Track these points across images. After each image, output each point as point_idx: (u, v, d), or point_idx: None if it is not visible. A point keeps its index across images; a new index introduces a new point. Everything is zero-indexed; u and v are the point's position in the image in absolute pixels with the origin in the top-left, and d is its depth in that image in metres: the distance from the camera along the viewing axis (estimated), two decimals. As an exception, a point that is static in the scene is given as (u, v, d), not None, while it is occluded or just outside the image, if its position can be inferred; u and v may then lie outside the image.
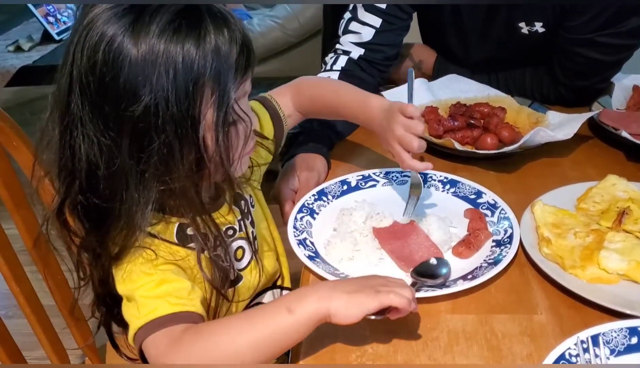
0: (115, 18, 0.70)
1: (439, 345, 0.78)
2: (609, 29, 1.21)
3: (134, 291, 0.76)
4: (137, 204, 0.74)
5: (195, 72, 0.71)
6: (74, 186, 0.76)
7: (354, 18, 1.33)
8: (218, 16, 0.74)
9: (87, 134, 0.72)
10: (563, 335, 0.75)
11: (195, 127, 0.73)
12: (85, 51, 0.70)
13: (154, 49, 0.69)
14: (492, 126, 1.18)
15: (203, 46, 0.71)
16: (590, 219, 0.96)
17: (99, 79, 0.70)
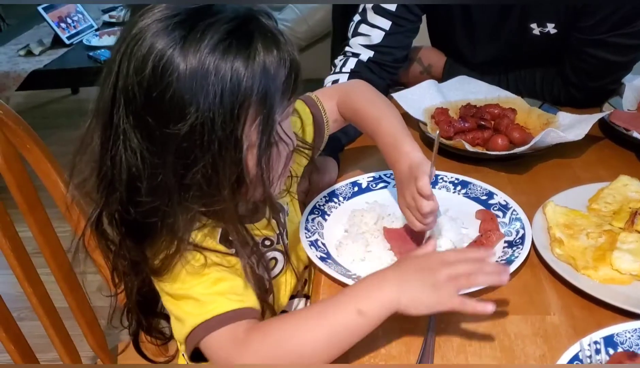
0: (166, 31, 0.69)
1: (451, 345, 0.78)
2: (621, 29, 1.21)
3: (189, 290, 0.76)
4: (180, 221, 0.74)
5: (243, 93, 0.70)
6: (114, 197, 0.75)
7: (364, 21, 1.34)
8: (269, 36, 0.73)
9: (130, 146, 0.72)
10: (576, 336, 0.75)
11: (239, 148, 0.72)
12: (133, 63, 0.69)
13: (203, 66, 0.69)
14: (503, 127, 1.18)
15: (252, 66, 0.70)
16: (602, 220, 0.96)
17: (146, 93, 0.69)
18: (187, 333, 0.76)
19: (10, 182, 1.09)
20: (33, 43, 3.02)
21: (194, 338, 0.75)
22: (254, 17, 0.73)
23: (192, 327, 0.75)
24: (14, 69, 2.84)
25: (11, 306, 1.11)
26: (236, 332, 0.74)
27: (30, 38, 3.16)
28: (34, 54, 2.96)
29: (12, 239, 1.09)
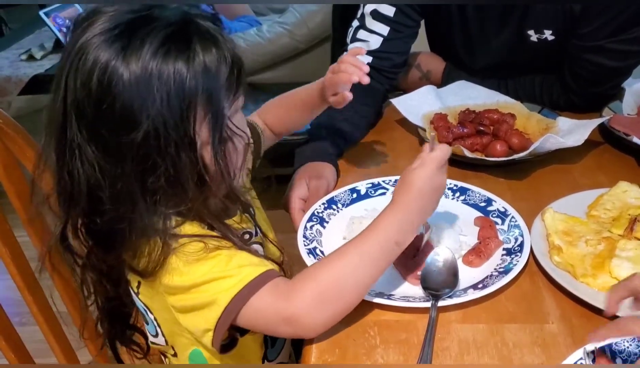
0: (107, 43, 0.71)
1: (449, 354, 0.78)
2: (619, 35, 1.21)
3: (205, 275, 0.76)
4: (152, 223, 0.75)
5: (187, 93, 0.72)
6: (76, 210, 0.77)
7: (362, 26, 1.34)
8: (206, 37, 0.75)
9: (87, 159, 0.73)
10: (575, 345, 0.75)
11: (194, 147, 0.74)
12: (79, 78, 0.71)
13: (146, 72, 0.71)
14: (502, 132, 1.18)
15: (193, 66, 0.73)
16: (601, 227, 0.96)
17: (95, 106, 0.71)
18: (218, 315, 0.75)
19: (10, 190, 1.09)
20: (35, 47, 3.02)
21: (229, 315, 0.75)
22: (191, 20, 0.76)
23: (226, 303, 0.75)
24: (15, 73, 2.84)
25: (13, 311, 1.12)
26: (277, 288, 0.76)
27: (32, 42, 3.16)
28: (35, 59, 2.96)
29: (11, 247, 1.09)
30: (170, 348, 0.91)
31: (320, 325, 0.78)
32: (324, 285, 0.76)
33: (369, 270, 0.79)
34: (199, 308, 0.77)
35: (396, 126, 1.36)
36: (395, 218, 0.81)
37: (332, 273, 0.77)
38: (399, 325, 0.82)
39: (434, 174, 0.83)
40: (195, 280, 0.76)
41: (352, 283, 0.78)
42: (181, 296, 0.78)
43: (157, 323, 0.88)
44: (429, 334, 0.78)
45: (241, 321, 0.77)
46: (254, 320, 0.77)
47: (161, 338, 0.90)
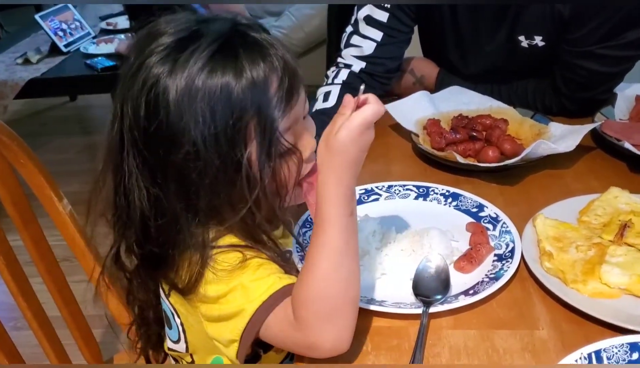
0: (156, 66, 0.72)
1: (440, 360, 0.78)
2: (609, 41, 1.22)
3: (231, 282, 0.75)
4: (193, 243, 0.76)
5: (235, 110, 0.72)
6: (129, 232, 0.79)
7: (355, 32, 1.35)
8: (254, 49, 0.74)
9: (139, 185, 0.74)
10: (564, 351, 0.75)
11: (239, 165, 0.73)
12: (130, 102, 0.73)
13: (192, 89, 0.71)
14: (494, 138, 1.19)
15: (239, 82, 0.72)
16: (592, 233, 0.96)
17: (144, 128, 0.72)
18: (244, 326, 0.75)
19: (4, 197, 1.09)
20: (31, 51, 3.02)
21: (254, 325, 0.75)
22: (239, 32, 0.75)
23: (252, 313, 0.74)
24: (11, 77, 2.84)
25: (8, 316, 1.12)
26: (287, 313, 0.74)
27: (28, 46, 3.16)
28: (31, 62, 2.96)
29: (5, 254, 1.09)
30: (189, 355, 0.91)
31: (339, 337, 0.73)
32: (317, 302, 0.72)
33: (346, 258, 0.74)
34: (226, 319, 0.77)
35: (389, 131, 1.37)
36: (337, 196, 0.74)
37: (319, 287, 0.73)
38: (390, 331, 0.83)
39: (360, 137, 0.73)
40: (224, 289, 0.76)
41: (341, 283, 0.74)
42: (211, 306, 0.78)
43: (183, 328, 0.88)
44: (420, 340, 0.79)
45: (264, 334, 0.76)
46: (271, 332, 0.76)
47: (182, 344, 0.90)
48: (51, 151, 3.54)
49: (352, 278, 0.75)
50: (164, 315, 0.92)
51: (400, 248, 0.96)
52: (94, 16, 3.55)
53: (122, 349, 1.32)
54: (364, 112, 0.72)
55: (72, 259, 1.19)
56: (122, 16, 3.50)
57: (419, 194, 1.12)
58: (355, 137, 0.72)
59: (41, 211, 1.16)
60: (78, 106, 4.17)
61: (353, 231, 0.75)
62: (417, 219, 1.03)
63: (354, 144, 0.72)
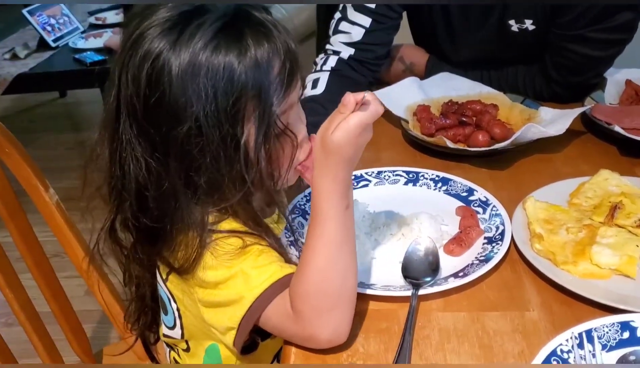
0: (159, 38, 0.71)
1: (430, 343, 0.77)
2: (599, 24, 1.21)
3: (231, 268, 0.75)
4: (191, 221, 0.75)
5: (237, 88, 0.71)
6: (125, 205, 0.77)
7: (344, 18, 1.33)
8: (259, 30, 0.73)
9: (135, 156, 0.73)
10: (555, 331, 0.75)
11: (237, 144, 0.73)
12: (130, 72, 0.72)
13: (195, 66, 0.70)
14: (484, 123, 1.18)
15: (243, 61, 0.71)
16: (582, 215, 0.96)
17: (144, 101, 0.71)
18: (243, 314, 0.74)
19: (-10, 188, 1.08)
20: (18, 46, 3.00)
21: (253, 314, 0.74)
22: (244, 11, 0.74)
23: (251, 301, 0.73)
24: (-1, 73, 2.82)
25: (0, 312, 1.11)
26: (286, 304, 0.73)
27: (16, 41, 3.13)
28: (19, 58, 2.93)
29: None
30: (184, 342, 0.90)
31: (336, 330, 0.74)
32: (314, 296, 0.72)
33: (342, 251, 0.74)
34: (225, 305, 0.76)
35: (379, 118, 1.35)
36: (333, 191, 0.73)
37: (315, 280, 0.72)
38: (379, 314, 0.82)
39: (356, 138, 0.71)
40: (224, 275, 0.75)
41: (338, 276, 0.73)
42: (210, 291, 0.77)
43: (179, 314, 0.87)
44: (409, 323, 0.78)
45: (263, 323, 0.76)
46: (270, 322, 0.76)
47: (178, 330, 0.89)
48: (41, 148, 3.51)
49: (349, 271, 0.74)
50: (160, 300, 0.91)
51: (389, 233, 0.95)
52: (82, 11, 3.52)
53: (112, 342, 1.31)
54: (362, 114, 0.71)
55: (63, 255, 1.18)
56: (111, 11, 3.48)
57: (408, 179, 1.11)
58: (352, 138, 0.71)
59: (30, 207, 1.15)
60: (67, 103, 4.15)
61: (349, 225, 0.75)
62: (407, 204, 1.03)
63: (350, 145, 0.71)
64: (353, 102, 0.70)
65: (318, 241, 0.73)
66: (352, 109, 0.70)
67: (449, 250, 0.92)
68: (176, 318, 0.89)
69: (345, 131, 0.70)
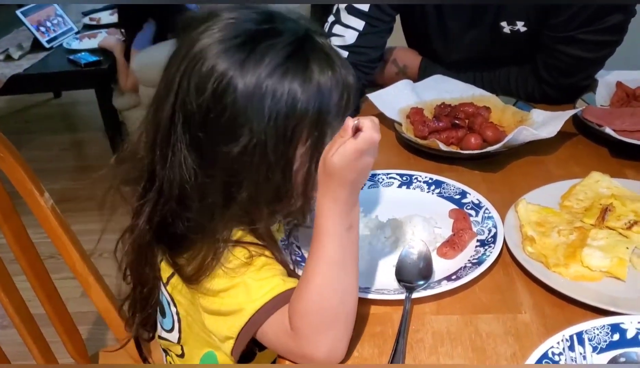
0: (227, 54, 0.71)
1: (423, 346, 0.78)
2: (590, 26, 1.22)
3: (234, 279, 0.75)
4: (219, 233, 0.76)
5: (297, 115, 0.72)
6: (164, 209, 0.78)
7: (337, 21, 1.34)
8: (324, 58, 0.75)
9: (185, 164, 0.74)
10: (547, 334, 0.76)
11: (289, 168, 0.74)
12: (193, 83, 0.72)
13: (261, 89, 0.71)
14: (477, 125, 1.19)
15: (307, 88, 0.72)
16: (574, 217, 0.97)
17: (204, 113, 0.72)
18: (242, 325, 0.74)
19: (-16, 192, 1.08)
20: (12, 47, 3.00)
21: (252, 326, 0.74)
22: (310, 37, 0.75)
23: (252, 313, 0.74)
24: (-7, 74, 2.82)
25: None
26: (284, 320, 0.74)
27: (9, 42, 3.13)
28: (13, 59, 2.94)
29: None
30: (179, 347, 0.91)
31: (332, 349, 0.73)
32: (312, 314, 0.72)
33: (342, 271, 0.74)
34: (225, 314, 0.77)
35: (373, 120, 1.36)
36: (333, 211, 0.73)
37: (314, 299, 0.72)
38: (373, 317, 0.82)
39: (355, 162, 0.71)
40: (227, 284, 0.76)
41: (336, 296, 0.73)
42: (212, 299, 0.77)
43: (178, 317, 0.88)
44: (402, 326, 0.79)
45: (260, 336, 0.76)
46: (267, 338, 0.76)
47: (175, 334, 0.90)
48: (36, 149, 3.51)
49: (348, 291, 0.74)
50: (159, 302, 0.91)
51: (383, 236, 0.96)
52: (76, 12, 3.52)
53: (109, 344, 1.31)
54: (356, 141, 0.70)
55: (58, 256, 1.18)
56: (106, 11, 3.48)
57: (402, 182, 1.12)
58: (350, 162, 0.71)
59: (24, 209, 1.15)
60: (62, 103, 4.15)
61: (351, 246, 0.74)
62: (400, 207, 1.04)
63: (349, 169, 0.71)
64: (351, 127, 0.70)
65: (318, 260, 0.73)
66: (351, 133, 0.70)
67: (442, 252, 0.93)
68: (175, 322, 0.89)
69: (342, 155, 0.70)
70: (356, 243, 0.75)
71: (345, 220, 0.73)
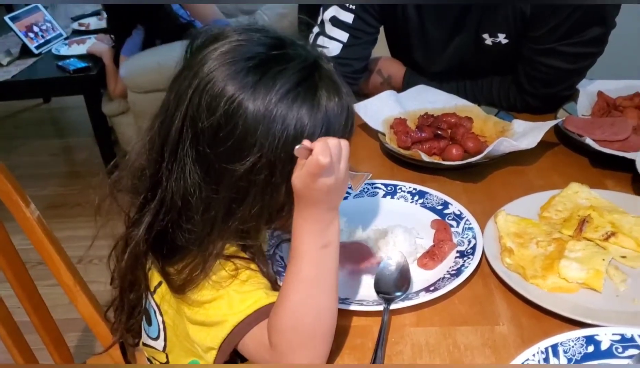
0: (240, 76, 0.72)
1: (403, 358, 0.79)
2: (570, 38, 1.24)
3: (218, 290, 0.76)
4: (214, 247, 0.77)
5: (304, 138, 0.73)
6: (164, 220, 0.78)
7: (322, 33, 1.35)
8: (331, 85, 0.76)
9: (191, 177, 0.75)
10: (524, 345, 0.77)
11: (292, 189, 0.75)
12: (204, 101, 0.73)
13: (271, 113, 0.72)
14: (459, 136, 1.20)
15: (316, 114, 0.74)
16: (552, 228, 0.98)
17: (214, 132, 0.73)
18: (224, 336, 0.76)
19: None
20: (1, 53, 2.99)
21: (234, 337, 0.75)
22: (319, 64, 0.77)
23: (234, 325, 0.75)
24: (-19, 80, 2.81)
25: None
26: (263, 334, 0.75)
27: (-2, 48, 3.12)
28: (2, 65, 2.92)
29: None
30: (164, 355, 0.91)
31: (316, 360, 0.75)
32: (288, 331, 0.73)
33: (316, 289, 0.74)
34: (208, 325, 0.78)
35: (358, 130, 1.37)
36: (306, 230, 0.75)
37: (289, 316, 0.73)
38: (354, 330, 0.84)
39: (313, 183, 0.72)
40: (211, 295, 0.77)
41: (311, 314, 0.74)
42: (195, 310, 0.78)
43: (164, 326, 0.89)
44: (381, 337, 0.80)
45: (241, 349, 0.77)
46: (248, 350, 0.77)
47: (161, 342, 0.90)
48: (25, 154, 3.50)
49: (324, 308, 0.75)
50: (145, 310, 0.92)
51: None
52: (65, 17, 3.51)
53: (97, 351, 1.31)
54: (307, 165, 0.71)
55: (46, 262, 1.18)
56: (95, 17, 3.47)
57: (386, 192, 1.13)
58: (307, 185, 0.72)
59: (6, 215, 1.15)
60: (52, 108, 4.14)
61: (326, 264, 0.75)
62: (384, 217, 1.05)
63: (308, 191, 0.73)
64: (305, 149, 0.71)
65: (292, 278, 0.74)
66: (306, 155, 0.71)
67: (422, 263, 0.94)
68: (161, 330, 0.90)
69: (299, 178, 0.72)
70: (333, 261, 0.76)
71: (319, 239, 0.74)
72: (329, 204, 0.74)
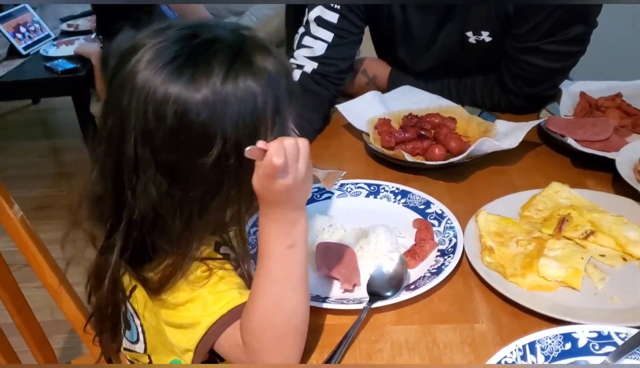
0: (174, 76, 0.71)
1: (382, 357, 0.80)
2: (554, 36, 1.25)
3: (192, 292, 0.76)
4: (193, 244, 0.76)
5: (259, 109, 0.73)
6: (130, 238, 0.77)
7: (307, 33, 1.36)
8: (263, 48, 0.76)
9: (155, 185, 0.73)
10: (503, 343, 0.77)
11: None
12: (150, 110, 0.71)
13: (221, 96, 0.71)
14: (442, 136, 1.21)
15: (261, 81, 0.74)
16: (532, 227, 0.99)
17: (172, 137, 0.71)
18: (199, 338, 0.76)
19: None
20: (-12, 55, 2.98)
21: (209, 338, 0.76)
22: (241, 34, 0.78)
23: (208, 326, 0.75)
24: (-32, 81, 2.80)
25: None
26: (237, 334, 0.75)
27: (-15, 49, 3.11)
28: (-11, 66, 2.91)
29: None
30: (147, 357, 0.91)
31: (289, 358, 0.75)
32: (260, 331, 0.73)
33: (286, 288, 0.74)
34: (184, 327, 0.78)
35: (343, 131, 1.38)
36: (271, 230, 0.74)
37: (259, 316, 0.73)
38: (334, 328, 0.84)
39: (270, 184, 0.72)
40: (185, 297, 0.77)
41: (282, 313, 0.74)
42: (171, 312, 0.78)
43: (143, 329, 0.88)
44: (351, 333, 0.81)
45: (217, 349, 0.77)
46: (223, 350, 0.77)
47: (141, 345, 0.90)
48: (14, 155, 3.49)
49: (295, 307, 0.75)
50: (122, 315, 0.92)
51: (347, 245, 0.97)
52: (54, 18, 3.50)
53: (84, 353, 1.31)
54: (262, 166, 0.71)
55: (33, 264, 1.18)
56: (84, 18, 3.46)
57: (370, 192, 1.14)
58: (265, 186, 0.72)
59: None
60: (40, 109, 4.12)
61: (293, 263, 0.75)
62: (367, 217, 1.05)
63: (267, 192, 0.72)
64: (259, 150, 0.70)
65: (260, 279, 0.74)
66: (261, 157, 0.70)
67: (403, 262, 0.94)
68: (139, 334, 0.90)
69: (257, 179, 0.72)
70: (302, 260, 0.75)
71: (285, 239, 0.74)
72: (292, 203, 0.74)
